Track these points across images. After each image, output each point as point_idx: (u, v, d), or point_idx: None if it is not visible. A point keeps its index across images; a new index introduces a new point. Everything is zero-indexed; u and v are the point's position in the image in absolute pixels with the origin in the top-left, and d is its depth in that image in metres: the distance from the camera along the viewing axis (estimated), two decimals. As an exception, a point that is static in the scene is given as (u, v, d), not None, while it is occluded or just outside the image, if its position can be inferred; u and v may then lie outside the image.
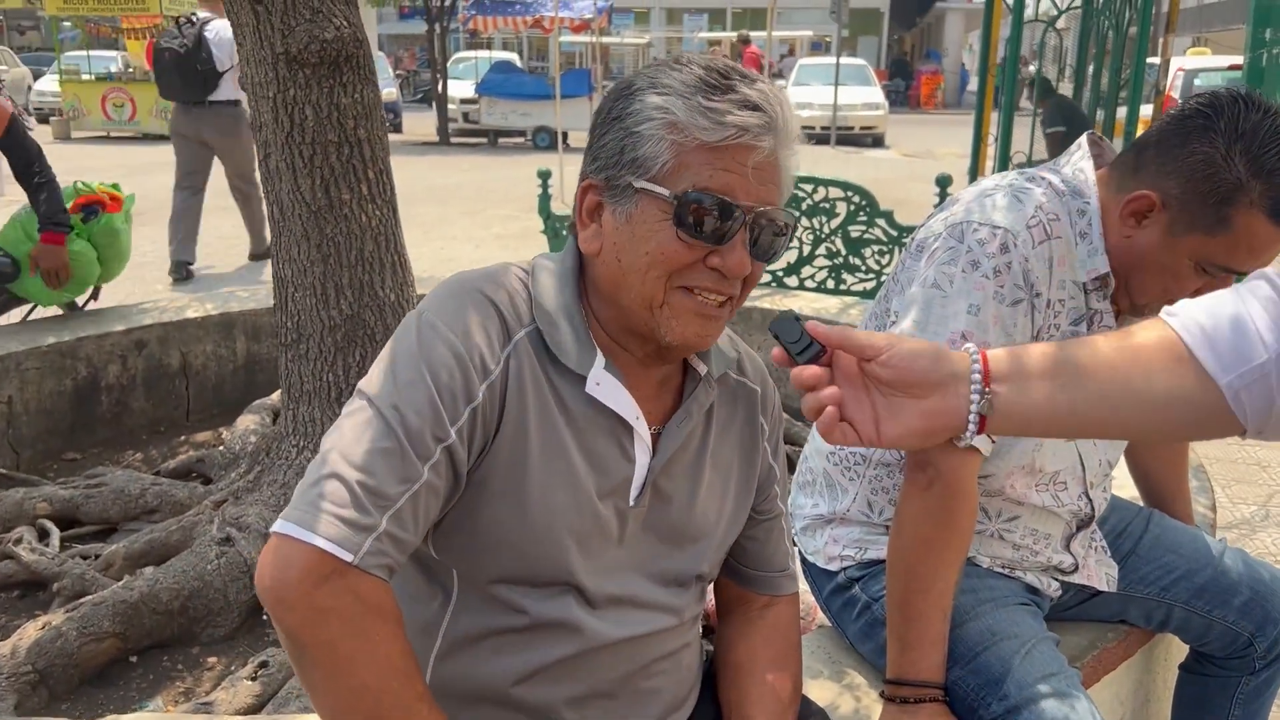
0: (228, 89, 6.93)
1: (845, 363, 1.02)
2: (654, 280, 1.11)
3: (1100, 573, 1.76)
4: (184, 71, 6.84)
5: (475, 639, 1.16)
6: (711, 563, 1.31)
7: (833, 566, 1.72)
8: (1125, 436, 1.36)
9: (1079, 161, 1.60)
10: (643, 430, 1.19)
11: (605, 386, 1.15)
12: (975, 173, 9.95)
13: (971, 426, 1.01)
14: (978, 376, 1.01)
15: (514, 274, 1.19)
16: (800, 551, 1.80)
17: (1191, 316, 1.00)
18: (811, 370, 1.00)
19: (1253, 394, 0.95)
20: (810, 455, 1.82)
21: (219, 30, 6.78)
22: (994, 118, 9.91)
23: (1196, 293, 1.43)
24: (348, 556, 1.00)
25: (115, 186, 4.18)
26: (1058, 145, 8.18)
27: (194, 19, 6.98)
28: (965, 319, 1.47)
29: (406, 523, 1.04)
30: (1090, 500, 1.71)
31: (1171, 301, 1.44)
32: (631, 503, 1.19)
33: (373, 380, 1.09)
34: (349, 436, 1.05)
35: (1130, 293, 1.55)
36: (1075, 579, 1.73)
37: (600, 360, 1.15)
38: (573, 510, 1.14)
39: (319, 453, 1.07)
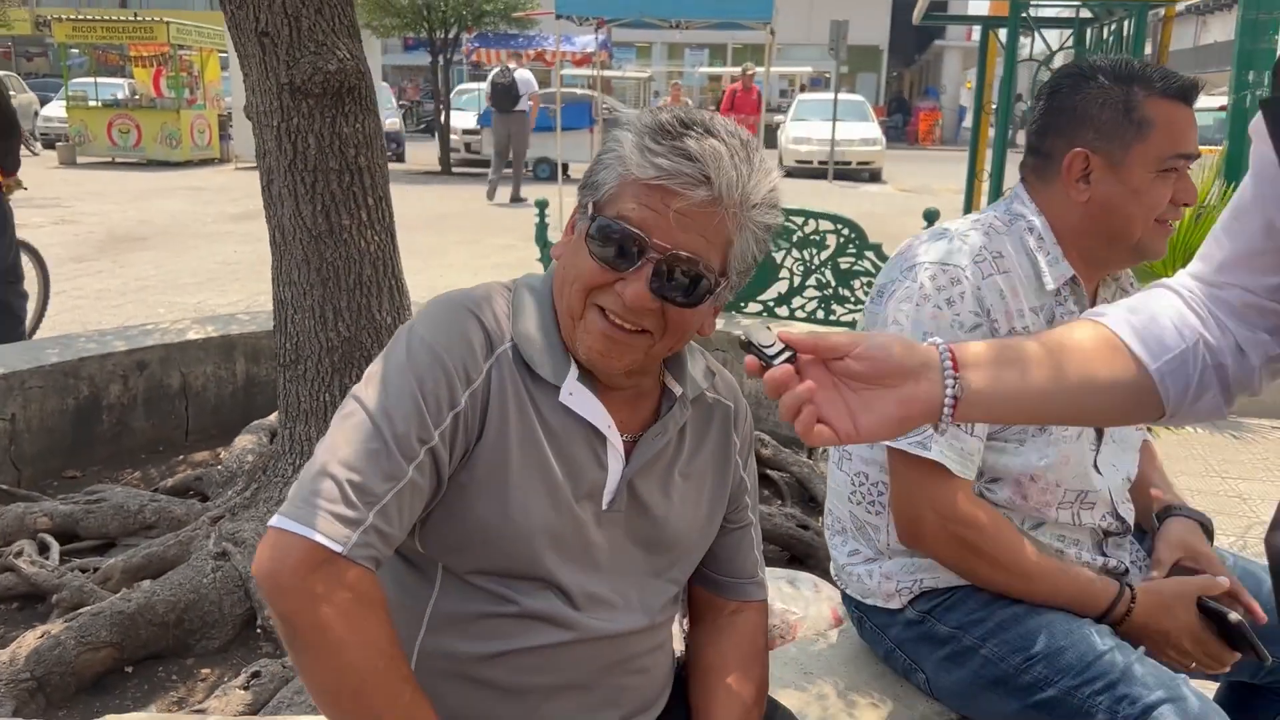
0: (522, 105, 14.15)
1: (815, 367, 1.03)
2: (575, 293, 1.21)
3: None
4: (506, 94, 14.04)
5: (459, 621, 1.24)
6: (685, 568, 1.39)
7: (894, 604, 1.74)
8: (1077, 421, 1.51)
9: (1015, 193, 1.75)
10: (615, 439, 1.27)
11: (578, 397, 1.24)
12: (969, 208, 10.10)
13: (946, 410, 1.04)
14: (948, 364, 1.05)
15: (498, 292, 1.28)
16: (852, 600, 1.83)
17: (1119, 315, 1.15)
18: (783, 369, 1.00)
19: (1175, 378, 1.11)
20: (834, 504, 1.87)
21: (521, 73, 14.35)
22: (988, 155, 10.07)
23: (1174, 199, 1.61)
24: (337, 548, 1.08)
25: None
26: None
27: (509, 67, 14.34)
28: None
29: (392, 518, 1.12)
30: (1120, 518, 1.76)
31: (1164, 222, 1.62)
32: (605, 507, 1.27)
33: (364, 387, 1.18)
34: (340, 439, 1.14)
35: (1126, 239, 1.65)
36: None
37: (574, 372, 1.24)
38: (550, 511, 1.22)
39: (313, 454, 1.16)
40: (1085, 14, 9.21)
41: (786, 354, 1.03)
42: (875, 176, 19.33)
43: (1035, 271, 1.66)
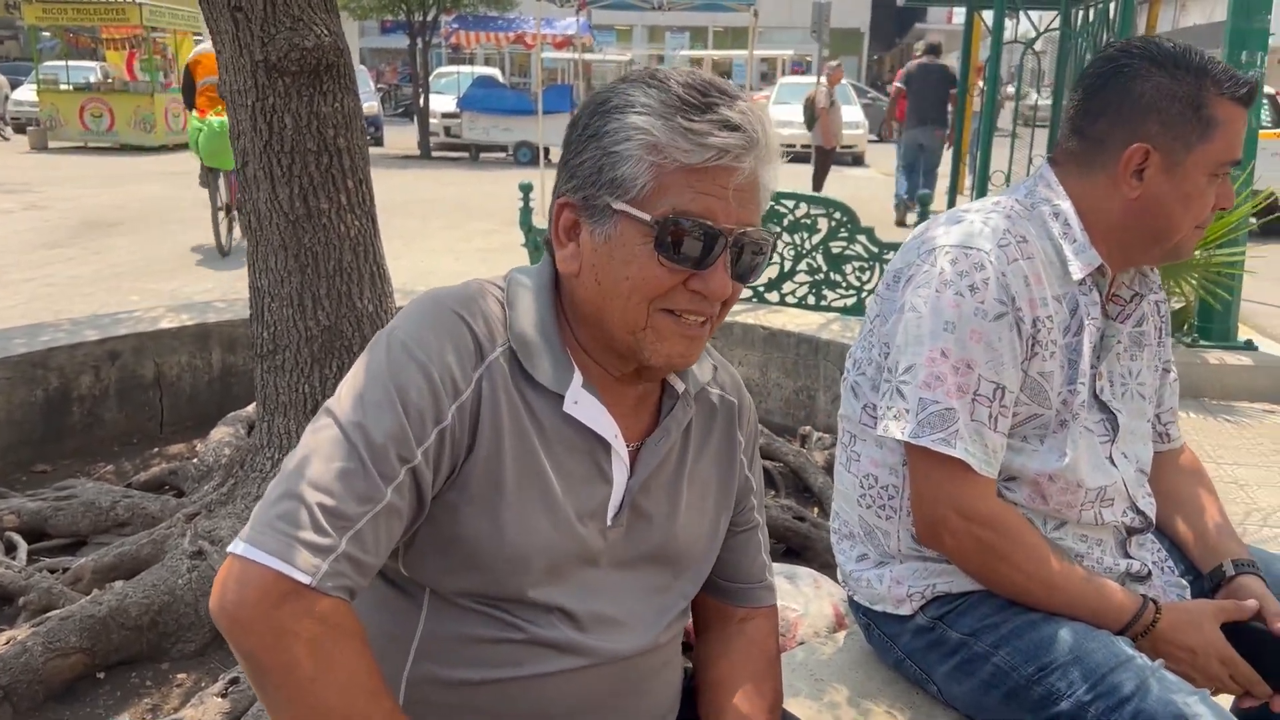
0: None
1: None
2: (636, 305, 1.08)
3: (1170, 594, 1.68)
4: None
5: (452, 646, 1.13)
6: (694, 579, 1.29)
7: (905, 610, 1.65)
8: None
9: (1040, 174, 1.65)
10: (620, 449, 1.17)
11: (583, 405, 1.13)
12: (954, 191, 10.03)
13: None
14: None
15: (488, 291, 1.16)
16: (860, 607, 1.75)
17: None
18: None
19: None
20: (841, 507, 1.78)
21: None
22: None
23: (1215, 205, 1.55)
24: (305, 579, 0.97)
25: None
26: None
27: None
28: (942, 336, 1.50)
29: (367, 544, 1.01)
30: (1140, 512, 1.68)
31: (1202, 226, 1.54)
32: (609, 523, 1.17)
33: (339, 399, 1.06)
34: (311, 456, 1.02)
35: (1161, 239, 1.58)
36: (1151, 591, 1.65)
37: (578, 378, 1.13)
38: (550, 531, 1.11)
39: (280, 472, 1.04)
40: (1071, -5, 9.13)
41: None
42: (858, 160, 19.26)
43: (1059, 259, 1.58)
